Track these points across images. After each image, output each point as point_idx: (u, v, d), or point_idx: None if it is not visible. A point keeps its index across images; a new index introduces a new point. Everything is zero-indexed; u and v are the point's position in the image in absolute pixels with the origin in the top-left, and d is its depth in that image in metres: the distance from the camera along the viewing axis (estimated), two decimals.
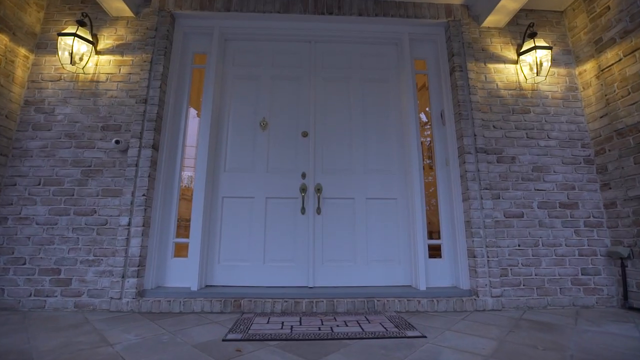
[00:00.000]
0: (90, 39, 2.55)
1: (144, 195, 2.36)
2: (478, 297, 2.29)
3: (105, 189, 2.39)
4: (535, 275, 2.37)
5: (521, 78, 2.74)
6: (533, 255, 2.40)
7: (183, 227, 2.92)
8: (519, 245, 2.41)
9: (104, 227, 2.32)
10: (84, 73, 2.60)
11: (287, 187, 2.78)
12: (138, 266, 2.25)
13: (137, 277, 2.24)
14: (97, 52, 2.66)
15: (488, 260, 2.34)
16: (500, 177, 2.52)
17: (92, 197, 2.37)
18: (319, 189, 2.80)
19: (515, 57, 2.79)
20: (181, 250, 2.65)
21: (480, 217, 2.41)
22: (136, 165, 2.40)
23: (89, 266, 2.26)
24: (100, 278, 2.24)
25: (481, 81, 2.71)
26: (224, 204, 2.70)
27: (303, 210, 2.76)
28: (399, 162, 2.79)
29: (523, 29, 2.87)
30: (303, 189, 2.70)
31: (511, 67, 2.77)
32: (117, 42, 2.69)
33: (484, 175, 2.49)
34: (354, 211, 2.78)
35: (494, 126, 2.62)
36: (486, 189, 2.46)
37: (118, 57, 2.65)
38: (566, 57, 2.84)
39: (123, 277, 2.22)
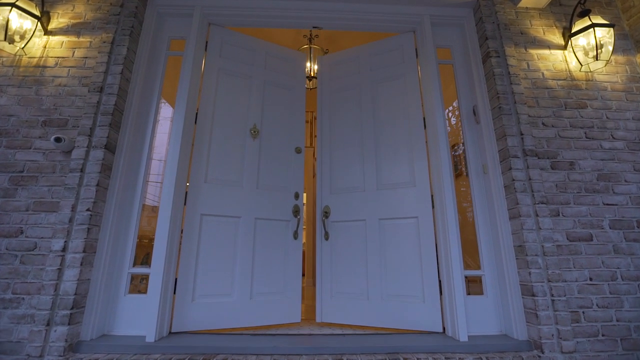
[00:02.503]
0: (37, 14, 2.04)
1: (88, 210, 1.76)
2: (543, 352, 1.64)
3: (38, 201, 1.80)
4: (617, 320, 1.74)
5: (572, 66, 2.22)
6: (611, 293, 1.78)
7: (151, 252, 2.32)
8: (590, 279, 1.79)
9: (32, 253, 1.71)
10: (27, 56, 2.08)
11: (279, 208, 2.32)
12: (72, 308, 1.63)
13: (70, 323, 1.61)
14: (48, 32, 2.15)
15: (553, 301, 1.71)
16: (557, 188, 1.94)
17: (19, 213, 1.77)
18: (326, 212, 2.39)
19: (561, 41, 2.28)
20: (141, 284, 2.03)
21: (537, 240, 1.81)
22: (81, 170, 1.82)
23: (3, 308, 1.63)
24: (18, 325, 1.61)
25: (523, 69, 2.18)
26: (203, 223, 2.11)
27: (296, 235, 2.30)
28: (419, 172, 2.22)
29: (568, 10, 2.38)
30: (296, 211, 2.32)
31: (558, 53, 2.25)
32: (73, 21, 2.18)
33: (538, 185, 1.90)
34: (366, 235, 2.21)
35: (543, 123, 2.07)
36: (542, 202, 1.87)
37: (73, 38, 2.13)
38: (623, 42, 2.33)
39: (48, 324, 1.59)
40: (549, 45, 2.27)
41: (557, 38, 2.29)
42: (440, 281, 1.99)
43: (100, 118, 1.93)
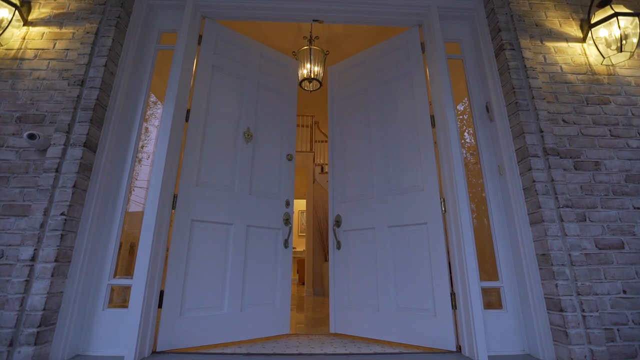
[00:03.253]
0: (15, 2, 1.89)
1: (63, 214, 1.58)
2: None
3: (8, 204, 1.62)
4: None
5: (592, 59, 2.06)
6: None
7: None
8: (624, 292, 1.60)
9: None
10: (3, 48, 1.92)
11: (270, 215, 2.24)
12: (40, 326, 1.43)
13: (37, 343, 1.41)
14: (28, 23, 1.99)
15: (584, 317, 1.52)
16: (582, 190, 1.76)
17: None
18: (338, 221, 2.35)
19: (579, 33, 2.13)
20: (122, 297, 1.84)
21: (562, 248, 1.62)
22: (57, 170, 1.64)
23: None
24: None
25: (540, 63, 2.03)
26: (194, 229, 1.93)
27: (286, 244, 2.24)
28: (427, 174, 2.04)
29: (585, 1, 2.23)
30: (287, 219, 2.27)
31: (576, 45, 2.10)
32: (56, 11, 2.03)
33: (561, 186, 1.72)
34: (375, 244, 2.06)
35: (564, 120, 1.90)
36: (567, 206, 1.69)
37: (55, 29, 1.98)
38: None
39: (11, 344, 1.39)
40: (567, 38, 2.11)
41: (575, 30, 2.14)
42: (453, 294, 1.80)
43: (80, 113, 1.76)
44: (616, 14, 1.91)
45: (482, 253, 2.33)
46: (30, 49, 1.93)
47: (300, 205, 14.12)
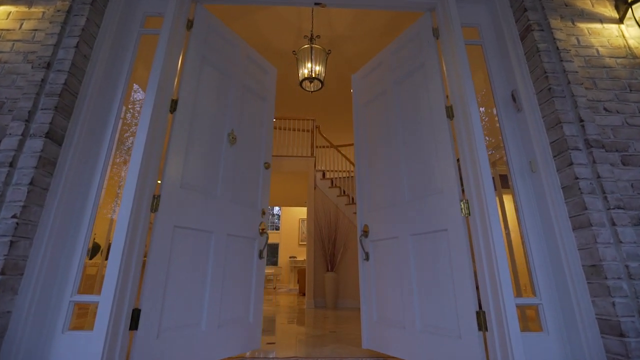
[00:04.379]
0: None
1: (14, 216, 1.31)
2: None
3: None
4: None
5: (632, 42, 1.82)
6: None
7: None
8: None
9: None
10: None
11: (248, 224, 2.11)
12: None
13: None
14: None
15: None
16: (633, 189, 1.49)
17: None
18: (365, 232, 2.25)
19: (614, 14, 1.89)
20: (87, 317, 1.56)
21: (617, 257, 1.35)
22: (10, 165, 1.38)
23: None
24: None
25: (573, 45, 1.78)
26: (176, 237, 1.67)
27: (261, 254, 2.15)
28: (444, 174, 1.79)
29: None
30: (263, 229, 2.20)
31: (612, 27, 1.86)
32: None
33: (610, 184, 1.46)
34: (399, 254, 1.84)
35: (605, 108, 1.64)
36: (619, 207, 1.42)
37: (23, 9, 1.75)
38: None
39: None
40: (601, 19, 1.87)
41: (609, 11, 1.90)
42: (482, 312, 1.51)
43: (44, 100, 1.52)
44: None
45: (512, 263, 2.05)
46: None
47: (300, 213, 13.85)
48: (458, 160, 1.78)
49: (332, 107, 8.75)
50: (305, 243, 13.65)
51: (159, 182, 1.68)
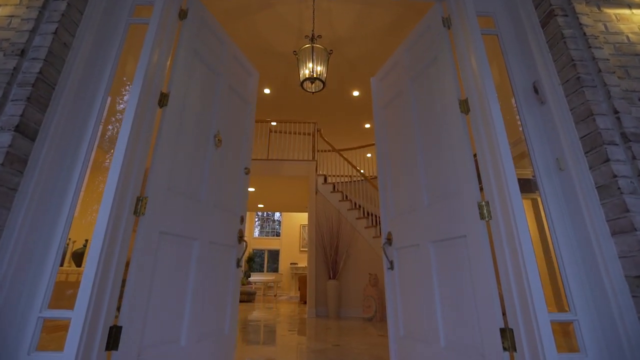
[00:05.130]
0: None
1: None
2: None
3: None
4: None
5: None
6: None
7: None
8: None
9: None
10: None
11: (228, 231, 2.03)
12: None
13: None
14: None
15: None
16: None
17: None
18: (389, 239, 2.14)
19: None
20: (59, 334, 1.37)
21: None
22: None
23: None
24: None
25: (601, 32, 1.62)
26: (161, 244, 1.52)
27: (239, 263, 2.09)
28: (458, 174, 1.63)
29: None
30: (241, 236, 2.11)
31: None
32: None
33: None
34: (420, 263, 1.72)
35: None
36: None
37: None
38: None
39: None
40: (629, 4, 1.72)
41: None
42: (509, 330, 1.33)
43: (16, 90, 1.36)
44: None
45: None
46: None
47: (301, 219, 13.66)
48: (476, 158, 1.61)
49: (334, 111, 8.62)
50: (306, 249, 13.45)
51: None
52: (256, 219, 14.95)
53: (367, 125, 9.42)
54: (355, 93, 7.83)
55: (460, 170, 1.64)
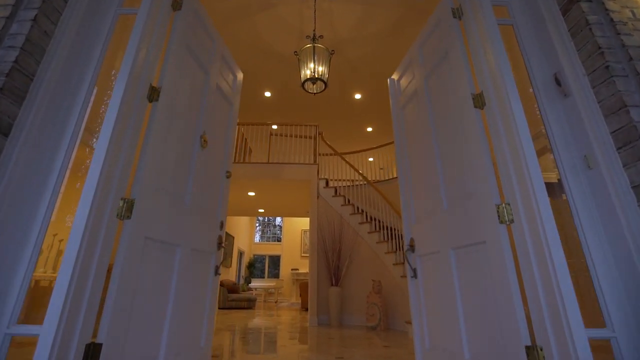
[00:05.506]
0: None
1: None
2: None
3: None
4: None
5: None
6: None
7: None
8: None
9: None
10: None
11: (208, 237, 1.92)
12: None
13: None
14: None
15: None
16: None
17: None
18: (412, 246, 2.00)
19: None
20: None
21: None
22: None
23: None
24: None
25: (629, 18, 1.49)
26: (146, 251, 1.39)
27: (217, 270, 1.96)
28: (475, 172, 1.49)
29: None
30: (220, 243, 2.02)
31: None
32: None
33: None
34: (441, 271, 1.61)
35: None
36: None
37: None
38: None
39: None
40: None
41: None
42: (536, 347, 1.17)
43: None
44: None
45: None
46: None
47: (302, 224, 13.49)
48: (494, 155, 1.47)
49: (335, 114, 8.51)
50: (307, 255, 13.25)
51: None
52: (257, 224, 14.80)
53: (369, 129, 9.31)
54: (357, 96, 7.72)
55: (476, 169, 1.50)
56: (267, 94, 7.63)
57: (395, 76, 2.54)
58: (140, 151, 1.45)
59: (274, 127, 7.97)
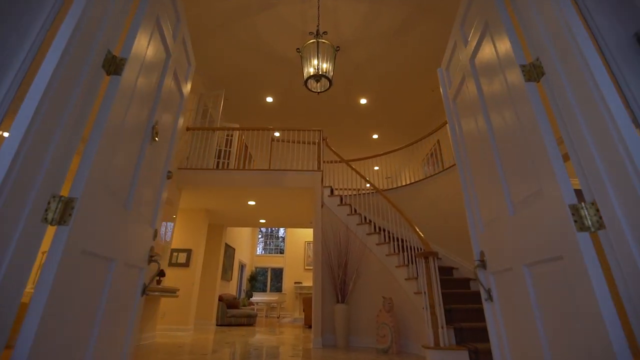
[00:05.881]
0: None
1: None
2: None
3: None
4: None
5: None
6: None
7: None
8: None
9: None
10: None
11: (141, 249, 1.52)
12: None
13: None
14: None
15: None
16: None
17: None
18: (482, 261, 1.60)
19: None
20: None
21: None
22: None
23: None
24: None
25: None
26: (83, 267, 1.03)
27: (144, 290, 1.56)
28: (543, 164, 1.13)
29: None
30: (152, 256, 1.62)
31: None
32: None
33: None
34: (517, 292, 1.21)
35: None
36: None
37: None
38: None
39: None
40: None
41: None
42: None
43: None
44: None
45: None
46: None
47: (305, 235, 13.03)
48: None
49: (339, 120, 8.21)
50: (311, 267, 12.73)
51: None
52: (259, 236, 14.38)
53: (375, 136, 8.98)
54: (363, 101, 7.42)
55: (539, 160, 1.13)
56: (269, 99, 7.36)
57: (443, 65, 2.24)
58: (90, 135, 1.10)
59: (277, 134, 7.67)
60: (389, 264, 4.87)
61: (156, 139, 1.52)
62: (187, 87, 2.12)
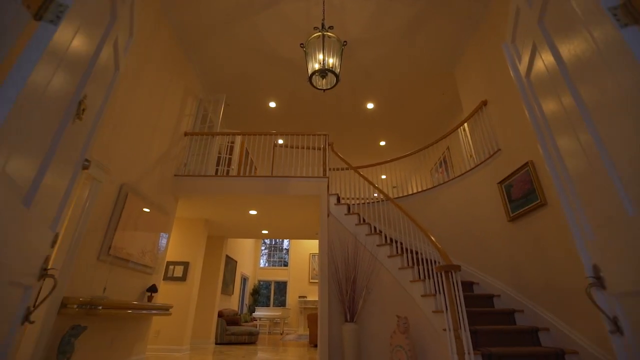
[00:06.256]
0: None
1: None
2: None
3: None
4: None
5: None
6: None
7: None
8: None
9: None
10: None
11: (32, 259, 1.09)
12: None
13: None
14: None
15: None
16: None
17: None
18: (598, 278, 1.16)
19: None
20: None
21: None
22: None
23: None
24: None
25: None
26: None
27: (29, 316, 1.11)
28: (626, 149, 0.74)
29: None
30: (46, 269, 1.15)
31: None
32: None
33: None
34: None
35: None
36: None
37: None
38: None
39: None
40: None
41: None
42: None
43: None
44: None
45: None
46: None
47: (310, 247, 12.57)
48: None
49: (345, 126, 7.88)
50: (316, 281, 12.21)
51: None
52: (263, 247, 13.94)
53: (382, 143, 8.62)
54: (370, 105, 7.11)
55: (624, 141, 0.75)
56: (272, 104, 7.08)
57: (507, 39, 1.94)
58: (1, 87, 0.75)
59: (280, 141, 7.35)
60: (403, 279, 4.42)
61: (82, 117, 1.17)
62: (124, 61, 1.80)
